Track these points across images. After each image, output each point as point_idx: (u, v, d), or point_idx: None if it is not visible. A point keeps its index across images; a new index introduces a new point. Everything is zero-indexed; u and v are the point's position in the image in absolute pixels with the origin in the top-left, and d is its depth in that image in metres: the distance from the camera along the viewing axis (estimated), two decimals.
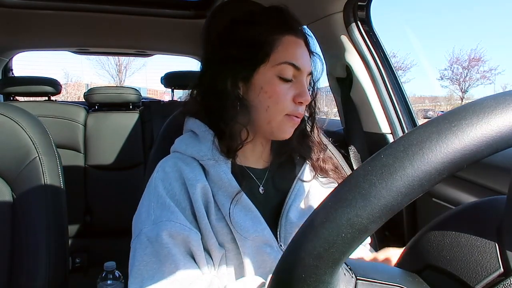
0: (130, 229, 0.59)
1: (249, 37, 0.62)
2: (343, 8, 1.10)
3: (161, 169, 0.61)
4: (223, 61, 0.63)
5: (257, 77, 0.62)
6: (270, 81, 0.61)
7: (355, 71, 1.17)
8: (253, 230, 0.58)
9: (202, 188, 0.58)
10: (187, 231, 0.54)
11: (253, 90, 0.63)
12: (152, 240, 0.53)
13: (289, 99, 0.62)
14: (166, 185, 0.59)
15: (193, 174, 0.59)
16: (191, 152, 0.62)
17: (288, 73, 0.61)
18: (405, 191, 0.21)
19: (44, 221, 0.76)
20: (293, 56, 0.62)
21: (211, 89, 0.64)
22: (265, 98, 0.62)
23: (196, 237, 0.55)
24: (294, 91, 0.62)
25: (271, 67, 0.61)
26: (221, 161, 0.61)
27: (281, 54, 0.61)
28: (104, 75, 24.36)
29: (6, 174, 0.78)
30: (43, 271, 0.74)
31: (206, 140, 0.63)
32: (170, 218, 0.55)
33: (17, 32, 1.82)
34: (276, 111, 0.62)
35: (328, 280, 0.22)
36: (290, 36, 0.63)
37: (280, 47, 0.61)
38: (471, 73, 16.82)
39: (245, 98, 0.63)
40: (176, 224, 0.54)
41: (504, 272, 0.25)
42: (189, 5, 1.75)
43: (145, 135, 2.09)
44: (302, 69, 0.62)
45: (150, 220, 0.55)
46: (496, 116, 0.21)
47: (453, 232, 0.29)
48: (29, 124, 0.81)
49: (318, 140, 0.73)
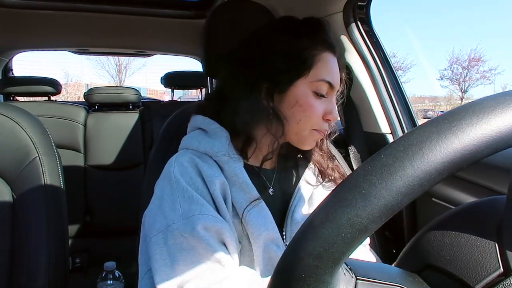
0: (130, 229, 0.59)
1: (292, 49, 0.62)
2: (343, 8, 1.10)
3: (178, 164, 0.59)
4: (259, 68, 0.62)
5: (293, 89, 0.62)
6: (306, 95, 0.62)
7: (355, 71, 1.17)
8: (264, 228, 0.59)
9: (221, 184, 0.58)
10: (220, 223, 0.54)
11: (287, 102, 0.63)
12: (187, 235, 0.52)
13: (320, 115, 0.63)
14: (187, 179, 0.57)
15: (211, 171, 0.59)
16: (204, 148, 0.62)
17: (323, 89, 0.63)
18: (405, 191, 0.21)
19: (44, 221, 0.76)
20: (330, 74, 0.63)
21: (241, 95, 0.63)
22: (299, 112, 0.62)
23: (228, 228, 0.55)
24: (325, 108, 0.63)
25: (309, 82, 0.62)
26: (235, 158, 0.61)
27: (320, 71, 0.62)
28: (104, 75, 24.42)
29: (6, 174, 0.78)
30: (43, 271, 0.74)
31: (219, 136, 0.62)
32: (202, 211, 0.54)
33: (17, 32, 1.82)
34: (307, 124, 0.63)
35: (328, 280, 0.22)
36: (328, 53, 0.64)
37: (320, 63, 0.62)
38: (471, 73, 16.85)
39: (278, 108, 0.63)
40: (209, 217, 0.53)
41: (504, 272, 0.25)
42: (189, 5, 1.75)
43: (145, 135, 2.09)
44: (335, 87, 0.64)
45: (177, 214, 0.54)
46: (496, 116, 0.21)
47: (453, 232, 0.29)
48: (29, 124, 0.81)
49: (327, 149, 0.75)
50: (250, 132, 0.62)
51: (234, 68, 0.66)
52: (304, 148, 0.67)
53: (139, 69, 21.20)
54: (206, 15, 1.67)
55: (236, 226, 0.59)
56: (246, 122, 0.62)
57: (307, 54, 0.61)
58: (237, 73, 0.65)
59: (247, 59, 0.64)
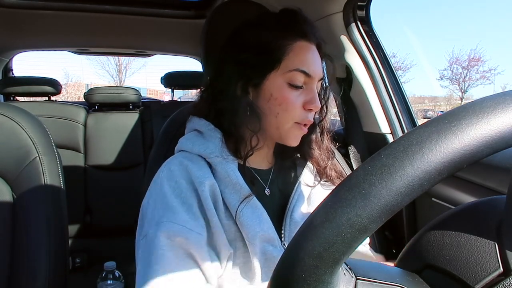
0: (130, 229, 0.59)
1: (261, 42, 0.61)
2: (342, 8, 1.10)
3: (167, 168, 0.60)
4: (233, 65, 0.63)
5: (267, 83, 0.62)
6: (280, 88, 0.61)
7: (355, 71, 1.17)
8: (259, 228, 0.58)
9: (211, 186, 0.58)
10: (187, 233, 0.53)
11: (263, 96, 0.62)
12: (150, 241, 0.53)
13: (299, 106, 0.61)
14: (172, 183, 0.58)
15: (201, 172, 0.59)
16: (197, 150, 0.62)
17: (298, 80, 0.61)
18: (405, 191, 0.21)
19: (44, 221, 0.76)
20: (304, 63, 0.61)
21: (222, 93, 0.63)
22: (275, 105, 0.61)
23: (196, 239, 0.53)
24: (304, 98, 0.62)
25: (282, 74, 0.61)
26: (229, 159, 0.61)
27: (292, 61, 0.60)
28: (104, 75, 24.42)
29: (6, 174, 0.78)
30: (43, 271, 0.74)
31: (213, 138, 0.62)
32: (171, 218, 0.54)
33: (17, 32, 1.82)
34: (285, 118, 0.62)
35: (328, 280, 0.22)
36: (302, 42, 0.62)
37: (291, 53, 0.60)
38: (471, 73, 16.83)
39: (256, 104, 0.62)
40: (175, 225, 0.53)
41: (504, 272, 0.25)
42: (189, 5, 1.75)
43: (145, 135, 2.09)
44: (313, 76, 0.61)
45: (154, 221, 0.55)
46: (495, 116, 0.21)
47: (453, 232, 0.29)
48: (29, 124, 0.81)
49: (327, 146, 0.72)
50: (238, 131, 0.62)
51: (216, 67, 0.67)
52: (290, 144, 0.65)
53: (139, 69, 21.25)
54: (206, 15, 1.67)
55: (229, 228, 0.58)
56: (230, 121, 0.62)
57: (276, 45, 0.60)
58: (218, 72, 0.66)
59: (224, 58, 0.66)
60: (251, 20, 0.66)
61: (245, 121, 0.61)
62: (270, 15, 0.66)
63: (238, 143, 0.62)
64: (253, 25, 0.64)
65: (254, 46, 0.62)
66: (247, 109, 0.61)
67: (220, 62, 0.66)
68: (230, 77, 0.63)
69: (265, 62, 0.61)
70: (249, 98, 0.62)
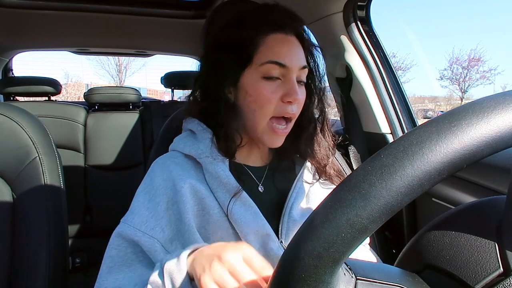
0: None
1: (235, 40, 0.62)
2: (342, 8, 1.10)
3: (150, 169, 0.64)
4: (214, 65, 0.64)
5: (243, 80, 0.62)
6: (255, 84, 0.60)
7: (354, 71, 1.17)
8: (254, 224, 0.58)
9: (192, 186, 0.59)
10: (139, 236, 0.56)
11: (241, 94, 0.63)
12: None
13: (277, 99, 0.60)
14: (147, 181, 0.61)
15: (184, 172, 0.61)
16: (188, 150, 0.63)
17: (273, 72, 0.60)
18: (405, 191, 0.21)
19: (44, 221, 0.76)
20: (277, 55, 0.60)
21: (206, 92, 0.65)
22: (251, 102, 0.61)
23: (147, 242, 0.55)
24: (282, 90, 0.61)
25: (256, 69, 0.60)
26: (218, 159, 0.61)
27: (264, 54, 0.60)
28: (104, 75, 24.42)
29: (6, 174, 0.78)
30: (43, 271, 0.74)
31: (204, 138, 0.63)
32: (127, 220, 0.58)
33: (17, 32, 1.82)
34: (261, 114, 0.61)
35: (328, 280, 0.22)
36: (276, 34, 0.61)
37: (263, 47, 0.60)
38: (471, 73, 16.82)
39: (236, 103, 0.63)
40: (129, 227, 0.56)
41: (504, 272, 0.25)
42: (189, 5, 1.75)
43: (145, 135, 2.09)
44: (289, 66, 0.60)
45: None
46: (495, 116, 0.21)
47: (453, 232, 0.29)
48: (29, 124, 0.81)
49: (327, 144, 0.71)
50: (224, 131, 0.63)
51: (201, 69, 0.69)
52: (273, 146, 0.64)
53: (139, 69, 21.23)
54: (206, 15, 1.67)
55: (222, 224, 0.59)
56: (216, 121, 0.63)
57: (246, 42, 0.60)
58: (200, 73, 0.68)
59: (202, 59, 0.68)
60: (229, 20, 0.66)
61: (228, 120, 0.62)
62: (247, 13, 0.65)
63: (226, 142, 0.63)
64: (229, 25, 0.65)
65: (229, 45, 0.62)
66: (229, 109, 0.62)
67: (201, 63, 0.68)
68: (208, 77, 0.64)
69: (236, 60, 0.61)
70: (229, 98, 0.64)
